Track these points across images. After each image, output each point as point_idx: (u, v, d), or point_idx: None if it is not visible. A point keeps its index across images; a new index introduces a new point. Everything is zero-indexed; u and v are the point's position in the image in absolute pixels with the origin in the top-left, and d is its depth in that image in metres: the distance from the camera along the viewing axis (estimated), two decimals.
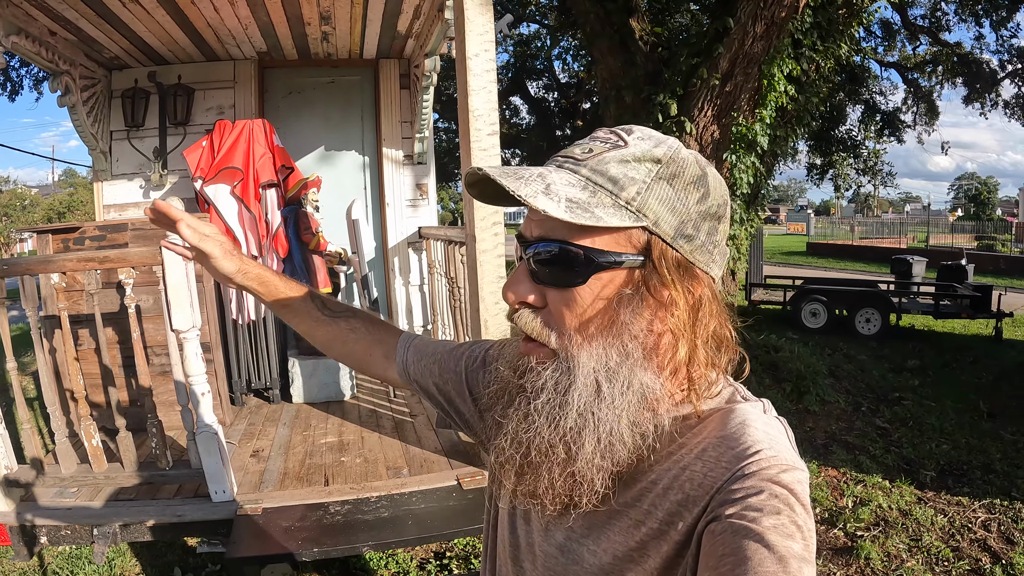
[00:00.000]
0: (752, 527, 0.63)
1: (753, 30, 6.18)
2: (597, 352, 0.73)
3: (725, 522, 0.65)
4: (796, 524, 0.64)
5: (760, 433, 0.72)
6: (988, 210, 50.79)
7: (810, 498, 0.69)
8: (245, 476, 3.07)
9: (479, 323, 2.93)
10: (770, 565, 0.60)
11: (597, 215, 0.70)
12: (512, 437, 0.76)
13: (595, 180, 0.72)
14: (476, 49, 2.78)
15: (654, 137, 0.76)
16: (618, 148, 0.74)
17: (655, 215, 0.72)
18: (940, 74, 13.69)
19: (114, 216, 4.80)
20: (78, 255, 2.85)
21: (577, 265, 0.72)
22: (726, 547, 0.63)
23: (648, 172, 0.72)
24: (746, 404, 0.78)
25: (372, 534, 2.54)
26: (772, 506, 0.64)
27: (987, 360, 9.25)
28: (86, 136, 4.53)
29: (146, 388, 2.89)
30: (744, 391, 0.81)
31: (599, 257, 0.72)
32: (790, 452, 0.71)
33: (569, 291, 0.73)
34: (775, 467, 0.67)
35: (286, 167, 4.48)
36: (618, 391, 0.72)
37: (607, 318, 0.73)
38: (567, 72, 17.10)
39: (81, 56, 4.29)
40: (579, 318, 0.74)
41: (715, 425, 0.75)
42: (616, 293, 0.73)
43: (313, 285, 4.41)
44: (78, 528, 2.74)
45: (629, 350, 0.73)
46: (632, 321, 0.73)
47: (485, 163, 2.86)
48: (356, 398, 4.42)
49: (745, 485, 0.67)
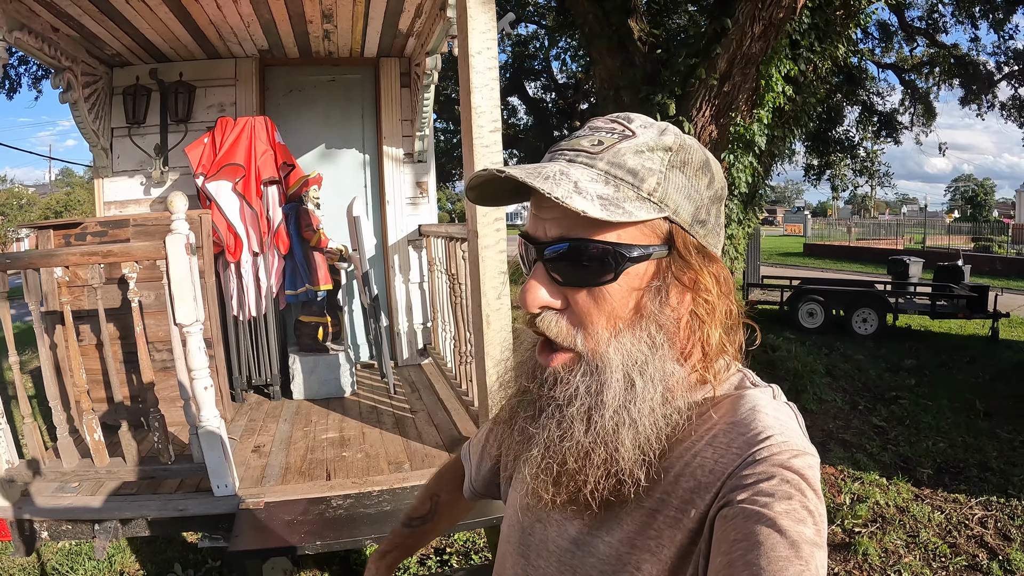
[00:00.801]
0: (764, 512, 0.63)
1: (751, 31, 6.19)
2: (627, 347, 0.72)
3: (737, 507, 0.65)
4: (808, 509, 0.64)
5: (771, 419, 0.72)
6: (985, 212, 50.96)
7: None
8: (247, 471, 3.08)
9: (481, 318, 2.94)
10: (782, 550, 0.60)
11: (627, 210, 0.70)
12: (546, 447, 0.74)
13: (614, 174, 0.71)
14: (479, 47, 2.80)
15: (655, 124, 0.76)
16: (628, 138, 0.73)
17: (675, 204, 0.73)
18: (937, 75, 13.74)
19: (115, 213, 4.79)
20: (81, 249, 2.85)
21: (607, 262, 0.71)
22: (738, 532, 0.63)
23: (662, 161, 0.73)
24: (756, 390, 0.78)
25: (374, 528, 2.55)
26: (784, 491, 0.64)
27: (983, 360, 9.31)
28: (87, 133, 4.53)
29: (148, 383, 2.89)
30: (753, 377, 0.81)
31: (629, 252, 0.71)
32: (801, 437, 0.71)
33: (597, 289, 0.72)
34: (786, 452, 0.67)
35: (287, 164, 4.50)
36: (650, 383, 0.72)
37: (635, 312, 0.73)
38: (565, 73, 17.12)
39: (83, 53, 4.29)
40: (608, 316, 0.73)
41: (725, 411, 0.75)
42: (646, 285, 0.73)
43: (314, 282, 4.43)
44: (79, 523, 2.75)
45: (658, 341, 0.73)
46: (660, 311, 0.73)
47: (488, 160, 2.89)
48: (356, 395, 4.42)
49: (756, 471, 0.67)
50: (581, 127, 0.79)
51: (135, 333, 2.84)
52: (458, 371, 4.10)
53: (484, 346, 2.92)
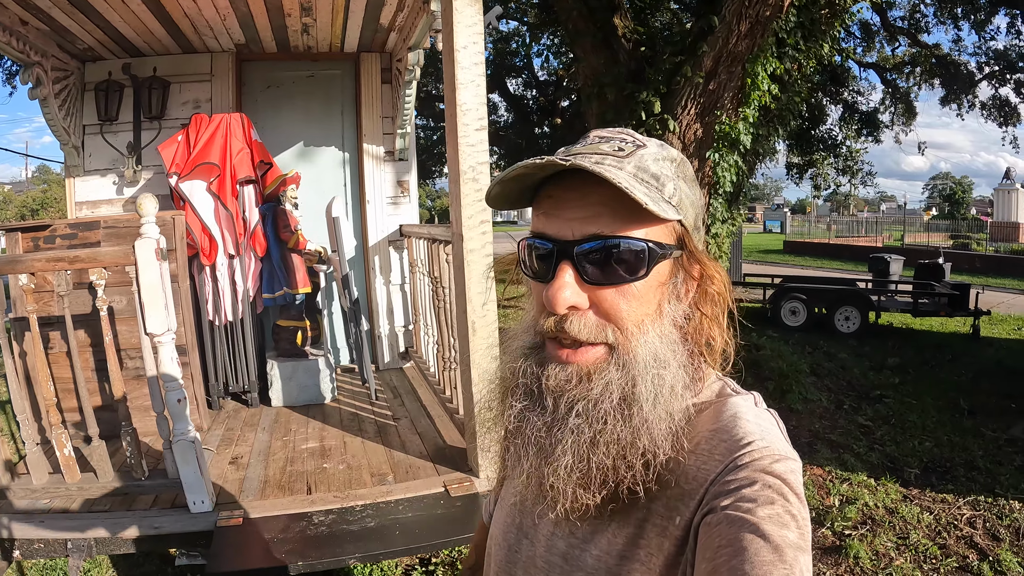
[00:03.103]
0: (747, 518, 0.64)
1: (738, 28, 6.14)
2: (653, 343, 0.75)
3: (720, 514, 0.66)
4: (791, 513, 0.65)
5: (752, 425, 0.73)
6: (962, 209, 51.70)
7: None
8: (224, 484, 2.95)
9: (466, 325, 2.84)
10: (766, 555, 0.61)
11: (664, 208, 0.73)
12: (575, 450, 0.73)
13: (642, 177, 0.74)
14: (464, 41, 2.69)
15: (651, 139, 0.80)
16: (641, 148, 0.77)
17: (685, 209, 0.77)
18: (918, 75, 13.83)
19: (87, 213, 4.64)
20: (47, 255, 2.72)
21: (642, 259, 0.73)
22: (722, 538, 0.64)
23: (672, 170, 0.77)
24: (737, 397, 0.79)
25: (359, 545, 2.44)
26: (766, 496, 0.65)
27: (965, 358, 9.37)
28: (58, 130, 4.38)
29: (119, 397, 2.76)
30: (734, 385, 0.83)
31: (660, 249, 0.75)
32: (782, 443, 0.72)
33: (626, 287, 0.74)
34: (768, 457, 0.69)
35: (264, 163, 4.36)
36: (675, 377, 0.75)
37: (658, 309, 0.76)
38: (546, 70, 17.06)
39: (53, 47, 4.14)
40: (636, 311, 0.75)
41: (707, 419, 0.76)
42: (665, 283, 0.77)
43: (292, 285, 4.31)
44: (51, 541, 2.62)
45: (676, 338, 0.76)
46: (674, 308, 0.77)
47: (474, 159, 2.79)
48: (337, 401, 4.31)
49: (739, 476, 0.68)
50: (585, 137, 0.81)
51: (105, 342, 2.70)
52: (441, 377, 3.99)
53: (470, 354, 2.82)
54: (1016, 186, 33.34)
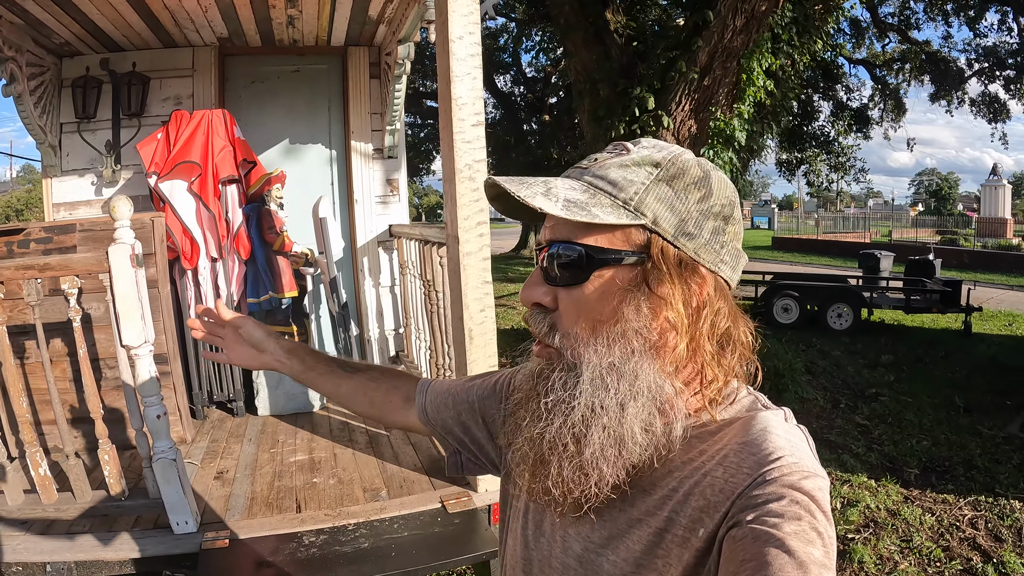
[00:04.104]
0: (773, 533, 0.63)
1: (733, 23, 6.05)
2: (602, 349, 0.74)
3: (746, 528, 0.65)
4: (817, 531, 0.64)
5: (782, 440, 0.72)
6: (949, 205, 52.09)
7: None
8: (210, 501, 2.80)
9: (463, 332, 2.70)
10: (791, 571, 0.60)
11: (593, 212, 0.73)
12: (527, 435, 0.78)
13: (596, 184, 0.76)
14: (460, 31, 2.55)
15: (659, 145, 0.80)
16: (620, 155, 0.78)
17: (653, 213, 0.75)
18: (908, 72, 13.83)
19: (64, 215, 4.47)
20: (16, 263, 2.56)
21: (579, 262, 0.75)
22: (747, 552, 0.63)
23: (648, 175, 0.76)
24: (767, 412, 0.79)
25: (352, 568, 2.29)
26: (793, 512, 0.65)
27: (958, 354, 9.37)
28: (34, 129, 4.20)
29: (96, 408, 2.60)
30: (765, 400, 0.83)
31: (598, 254, 0.75)
32: (811, 459, 0.72)
33: (576, 290, 0.76)
34: (796, 473, 0.68)
35: (248, 161, 4.20)
36: (625, 385, 0.73)
37: (612, 316, 0.75)
38: (533, 66, 17.00)
39: (29, 42, 3.96)
40: (584, 317, 0.76)
41: (736, 432, 0.76)
42: (619, 290, 0.75)
43: (277, 289, 4.17)
44: (29, 564, 2.46)
45: (634, 346, 0.74)
46: (635, 317, 0.74)
47: (470, 157, 2.65)
48: (326, 409, 4.16)
49: (766, 491, 0.67)
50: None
51: (79, 354, 2.55)
52: None
53: (467, 363, 2.69)
54: (1003, 182, 33.61)
